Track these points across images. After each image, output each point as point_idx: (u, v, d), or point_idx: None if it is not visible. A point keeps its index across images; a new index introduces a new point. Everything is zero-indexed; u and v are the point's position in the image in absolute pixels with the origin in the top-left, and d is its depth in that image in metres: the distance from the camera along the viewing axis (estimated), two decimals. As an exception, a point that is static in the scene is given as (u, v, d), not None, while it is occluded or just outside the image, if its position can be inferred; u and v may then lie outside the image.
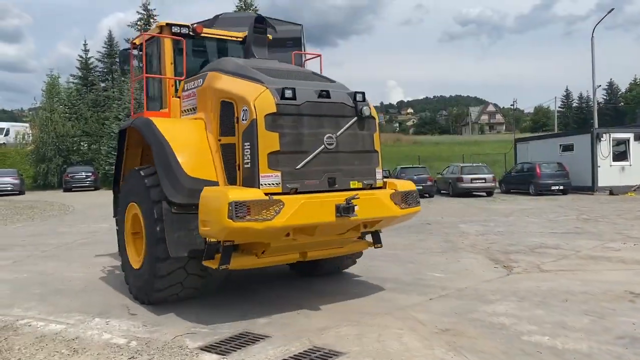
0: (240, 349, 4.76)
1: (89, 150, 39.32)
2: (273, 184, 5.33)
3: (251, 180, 5.37)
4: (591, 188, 23.62)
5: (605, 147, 23.84)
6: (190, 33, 7.47)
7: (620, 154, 24.61)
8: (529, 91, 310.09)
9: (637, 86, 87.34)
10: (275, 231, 5.23)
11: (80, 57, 44.94)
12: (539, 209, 17.24)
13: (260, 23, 7.26)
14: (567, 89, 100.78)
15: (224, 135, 5.89)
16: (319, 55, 8.48)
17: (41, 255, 10.27)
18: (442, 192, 26.37)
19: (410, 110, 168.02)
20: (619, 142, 24.67)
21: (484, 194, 24.54)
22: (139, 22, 44.25)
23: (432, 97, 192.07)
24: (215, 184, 5.81)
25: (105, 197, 27.10)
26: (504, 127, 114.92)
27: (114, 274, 8.23)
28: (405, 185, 6.23)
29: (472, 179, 24.15)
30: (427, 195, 24.34)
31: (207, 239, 5.47)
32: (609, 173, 23.69)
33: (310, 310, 5.94)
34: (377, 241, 6.61)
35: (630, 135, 24.60)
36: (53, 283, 7.67)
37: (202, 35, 7.61)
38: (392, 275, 7.61)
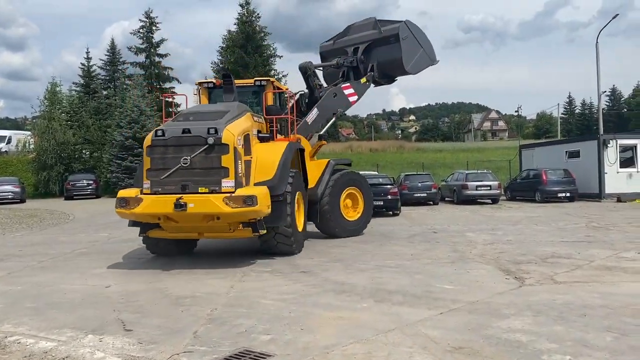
0: (241, 369, 4.46)
1: (90, 158, 39.07)
2: (147, 187, 9.00)
3: (139, 185, 9.25)
4: (598, 195, 23.27)
5: (612, 154, 23.51)
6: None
7: (627, 161, 24.26)
8: (531, 98, 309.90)
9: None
10: (140, 215, 9.04)
11: (83, 64, 44.81)
12: (546, 217, 16.92)
13: (228, 78, 11.22)
14: (569, 96, 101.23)
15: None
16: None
17: (38, 266, 9.99)
18: (446, 199, 26.04)
19: (412, 117, 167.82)
20: (625, 149, 24.32)
21: (489, 201, 24.21)
22: (141, 30, 44.21)
23: (434, 104, 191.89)
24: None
25: (106, 205, 26.90)
26: (507, 134, 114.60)
27: (113, 285, 7.95)
28: (248, 190, 8.80)
29: (477, 186, 23.82)
30: (431, 202, 24.03)
31: None
32: (616, 180, 23.34)
33: (315, 326, 5.65)
34: (254, 230, 9.16)
35: (638, 142, 24.24)
36: (48, 296, 7.39)
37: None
38: (400, 288, 7.31)
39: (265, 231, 9.30)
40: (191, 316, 6.12)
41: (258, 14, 43.47)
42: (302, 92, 14.01)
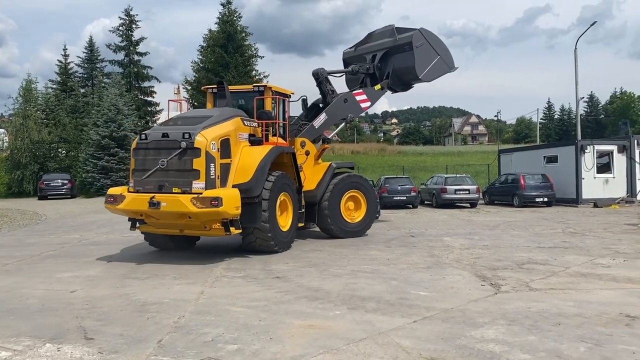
0: (203, 382, 4.26)
1: (66, 158, 38.30)
2: (132, 186, 9.89)
3: (127, 184, 10.17)
4: (575, 200, 23.46)
5: (589, 159, 23.73)
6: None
7: (604, 166, 24.52)
8: (511, 103, 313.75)
9: (617, 99, 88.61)
10: (123, 211, 10.04)
11: (60, 62, 44.00)
12: (524, 222, 16.96)
13: (221, 84, 12.02)
14: (549, 101, 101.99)
15: None
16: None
17: (2, 269, 9.62)
18: (425, 202, 26.04)
19: (394, 120, 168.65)
20: (602, 154, 24.58)
21: (468, 205, 24.25)
22: (120, 28, 43.52)
23: (416, 107, 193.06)
24: None
25: (81, 206, 26.36)
26: (487, 138, 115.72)
27: (78, 290, 7.66)
28: (215, 192, 9.26)
29: (455, 190, 23.84)
30: (410, 206, 23.99)
31: None
32: (593, 185, 23.56)
33: (285, 335, 5.46)
34: (226, 229, 9.67)
35: (614, 147, 24.52)
36: (8, 301, 7.08)
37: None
38: (375, 294, 7.15)
39: (238, 230, 9.87)
40: (156, 324, 5.88)
41: (239, 14, 43.14)
42: (304, 97, 14.51)
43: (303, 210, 12.30)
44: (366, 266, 9.32)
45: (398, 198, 23.47)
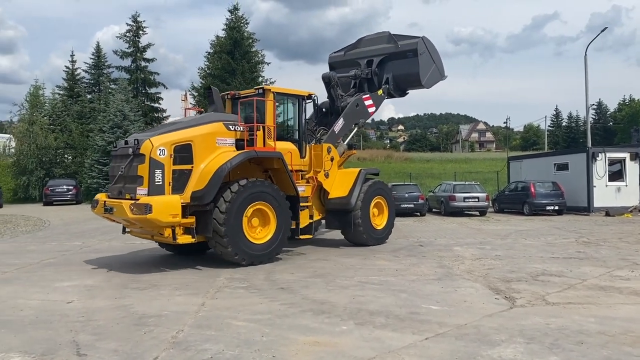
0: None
1: (72, 163, 38.17)
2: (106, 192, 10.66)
3: None
4: (587, 209, 23.00)
5: (600, 167, 23.29)
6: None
7: (616, 174, 24.04)
8: (519, 110, 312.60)
9: (626, 106, 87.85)
10: (99, 215, 10.59)
11: (67, 68, 44.02)
12: (535, 231, 16.55)
13: (209, 90, 11.81)
14: (557, 108, 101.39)
15: None
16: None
17: (0, 277, 9.36)
18: (433, 210, 25.65)
19: (401, 127, 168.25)
20: (614, 162, 24.11)
21: (477, 213, 23.84)
22: (127, 34, 43.49)
23: (422, 114, 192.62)
24: None
25: (85, 212, 26.11)
26: (494, 145, 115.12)
27: (75, 301, 7.37)
28: (147, 199, 9.10)
29: (464, 198, 23.44)
30: (418, 213, 23.61)
31: None
32: (604, 193, 23.09)
33: (288, 353, 5.13)
34: (173, 237, 9.57)
35: (626, 155, 24.04)
36: (1, 312, 6.80)
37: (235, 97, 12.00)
38: (383, 308, 6.81)
39: (188, 239, 9.76)
40: (153, 339, 5.57)
41: (246, 20, 43.02)
42: (314, 96, 13.74)
43: (297, 221, 11.34)
44: (374, 277, 8.98)
45: (405, 206, 23.07)
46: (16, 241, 15.00)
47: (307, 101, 12.51)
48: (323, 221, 13.46)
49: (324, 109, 14.42)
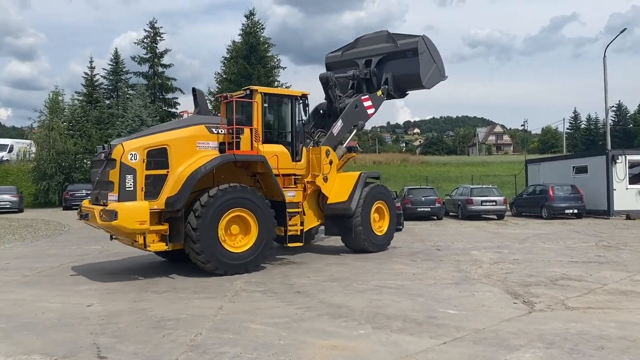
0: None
1: (91, 168, 38.71)
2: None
3: None
4: (607, 212, 22.68)
5: (621, 170, 22.94)
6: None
7: (636, 177, 23.68)
8: (536, 112, 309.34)
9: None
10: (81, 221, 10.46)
11: (86, 74, 44.72)
12: (554, 234, 16.36)
13: (194, 92, 11.45)
14: (575, 111, 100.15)
15: None
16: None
17: (21, 280, 9.53)
18: (450, 214, 25.51)
19: (417, 130, 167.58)
20: (634, 164, 23.74)
21: (495, 217, 23.65)
22: (145, 40, 44.07)
23: (438, 117, 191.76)
24: None
25: (104, 216, 26.41)
26: (512, 148, 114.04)
27: (95, 304, 7.47)
28: (114, 205, 8.95)
29: (482, 201, 23.28)
30: (435, 217, 23.49)
31: None
32: (625, 196, 22.73)
33: (305, 356, 5.14)
34: (145, 245, 9.28)
35: (647, 158, 23.68)
36: (23, 315, 6.91)
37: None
38: (401, 312, 6.80)
39: (161, 246, 9.52)
40: (172, 342, 5.63)
41: (262, 25, 43.32)
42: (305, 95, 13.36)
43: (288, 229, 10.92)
44: (391, 281, 8.96)
45: (422, 209, 23.00)
46: (37, 245, 15.24)
47: (302, 102, 11.79)
48: (322, 227, 13.01)
49: (321, 111, 13.98)
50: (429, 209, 23.15)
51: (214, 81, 44.84)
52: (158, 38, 44.28)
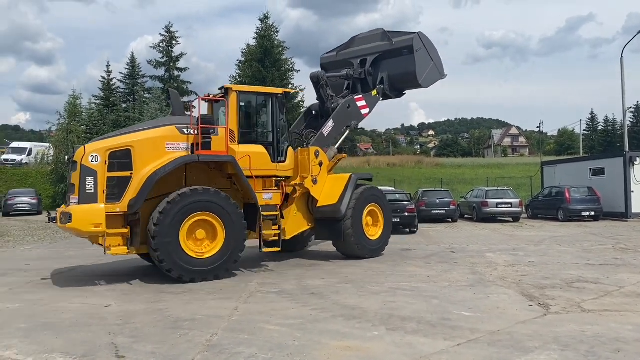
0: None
1: (109, 171, 39.15)
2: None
3: None
4: (624, 214, 22.41)
5: (638, 171, 22.66)
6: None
7: (654, 179, 23.35)
8: (552, 114, 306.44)
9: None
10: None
11: (103, 78, 45.29)
12: (570, 237, 16.22)
13: (167, 92, 11.96)
14: (592, 112, 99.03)
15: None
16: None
17: (41, 282, 9.71)
18: (465, 216, 25.39)
19: (431, 132, 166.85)
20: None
21: (510, 219, 23.49)
22: (161, 44, 44.57)
23: (453, 119, 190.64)
24: None
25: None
26: (528, 150, 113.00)
27: (113, 304, 7.60)
28: (69, 208, 9.04)
29: (497, 204, 23.15)
30: (450, 220, 23.41)
31: None
32: (643, 198, 22.46)
33: (319, 356, 5.19)
34: (106, 250, 9.26)
35: (665, 159, 23.34)
36: (44, 315, 7.05)
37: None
38: (415, 314, 6.81)
39: (123, 250, 9.37)
40: (188, 342, 5.71)
41: (277, 29, 43.57)
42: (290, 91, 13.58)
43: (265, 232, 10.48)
44: (405, 283, 8.97)
45: (437, 212, 22.93)
46: (56, 247, 15.50)
47: (279, 99, 11.20)
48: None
49: (314, 112, 13.62)
50: (443, 212, 23.07)
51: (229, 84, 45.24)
52: (174, 42, 44.83)
